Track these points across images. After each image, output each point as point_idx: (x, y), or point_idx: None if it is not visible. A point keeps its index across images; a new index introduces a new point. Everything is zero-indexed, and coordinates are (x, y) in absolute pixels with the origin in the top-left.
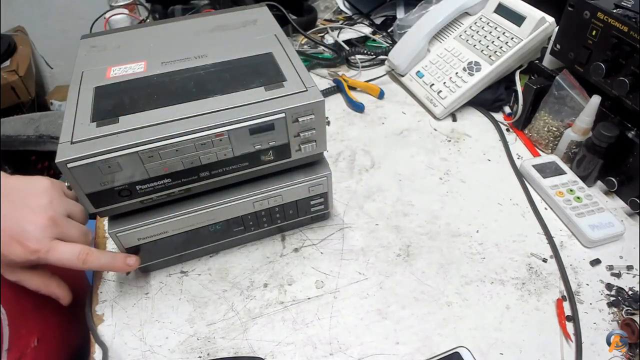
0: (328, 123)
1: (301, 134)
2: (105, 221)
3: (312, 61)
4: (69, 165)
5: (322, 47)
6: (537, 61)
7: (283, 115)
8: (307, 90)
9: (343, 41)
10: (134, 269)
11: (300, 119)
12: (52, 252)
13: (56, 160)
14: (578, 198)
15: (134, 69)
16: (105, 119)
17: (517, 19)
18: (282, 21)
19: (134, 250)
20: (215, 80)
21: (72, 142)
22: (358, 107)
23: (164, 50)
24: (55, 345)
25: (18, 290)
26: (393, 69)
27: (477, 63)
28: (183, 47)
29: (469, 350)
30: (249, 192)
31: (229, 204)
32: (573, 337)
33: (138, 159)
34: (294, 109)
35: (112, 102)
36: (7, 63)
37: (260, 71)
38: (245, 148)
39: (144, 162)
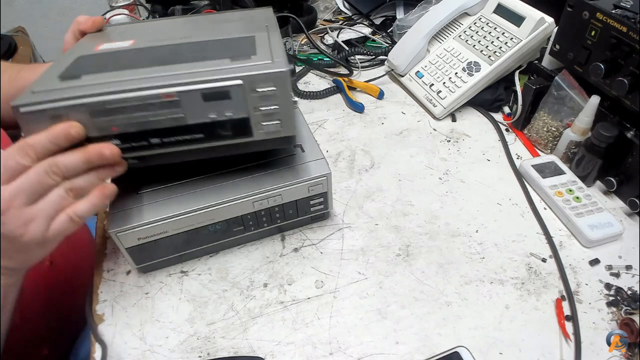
0: (295, 102)
1: (262, 108)
2: (106, 221)
3: (314, 59)
4: (22, 110)
5: (322, 47)
6: (536, 61)
7: (240, 82)
8: (272, 62)
9: (343, 41)
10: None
11: (259, 89)
12: None
13: (11, 104)
14: (577, 198)
15: (121, 46)
16: (71, 76)
17: (517, 19)
18: (283, 21)
19: (134, 250)
20: (187, 51)
21: (32, 92)
22: (358, 107)
23: (156, 35)
24: (64, 268)
25: None
26: (393, 69)
27: (476, 63)
28: (174, 32)
29: (468, 350)
30: (249, 192)
31: (229, 204)
32: (572, 337)
33: (86, 112)
34: (252, 76)
35: (85, 65)
36: None
37: (234, 47)
38: (199, 116)
39: (91, 116)
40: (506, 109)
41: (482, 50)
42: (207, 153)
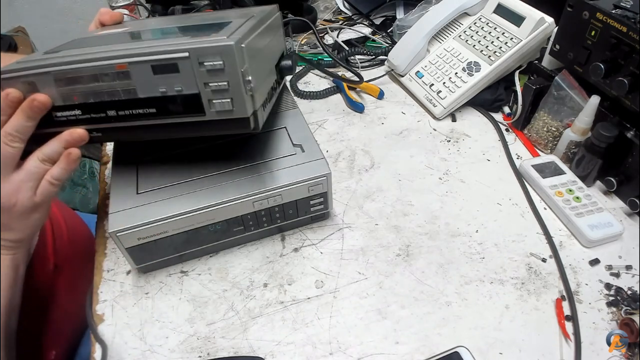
0: (248, 82)
1: (211, 84)
2: (105, 221)
3: (314, 59)
4: (3, 77)
5: (321, 48)
6: (536, 61)
7: (186, 54)
8: (225, 38)
9: (343, 41)
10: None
11: (206, 63)
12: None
13: None
14: (577, 198)
15: (114, 31)
16: (53, 51)
17: (517, 19)
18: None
19: (134, 250)
20: (159, 32)
21: (17, 62)
22: (358, 107)
23: (151, 24)
24: (68, 271)
25: None
26: (393, 69)
27: (476, 63)
28: (168, 22)
29: (468, 350)
30: (249, 192)
31: (229, 204)
32: (572, 337)
33: (51, 80)
34: (198, 49)
35: (72, 44)
36: None
37: (203, 28)
38: (150, 90)
39: (56, 85)
40: (506, 109)
41: (482, 50)
42: (163, 131)
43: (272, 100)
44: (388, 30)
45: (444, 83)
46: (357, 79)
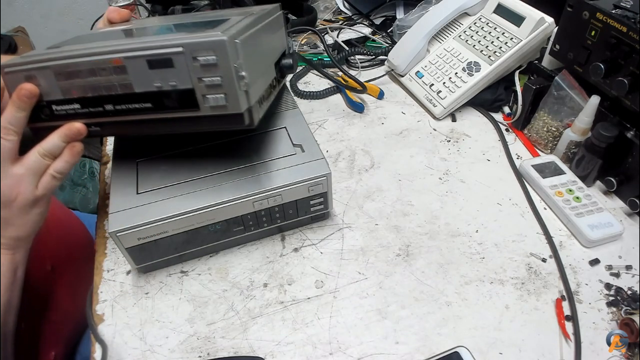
0: (242, 77)
1: (205, 79)
2: (105, 221)
3: (314, 59)
4: (5, 70)
5: (321, 48)
6: (536, 61)
7: (180, 49)
8: (220, 33)
9: (343, 41)
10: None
11: (200, 58)
12: None
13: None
14: (577, 198)
15: (116, 28)
16: (55, 47)
17: (517, 19)
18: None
19: (134, 250)
20: (159, 29)
21: (21, 57)
22: (358, 107)
23: (152, 22)
24: (66, 272)
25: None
26: (393, 69)
27: (476, 63)
28: (169, 20)
29: (468, 350)
30: (249, 192)
31: (229, 204)
32: (572, 337)
33: (51, 74)
34: (192, 44)
35: (74, 40)
36: None
37: (201, 25)
38: (145, 85)
39: (56, 78)
40: (506, 109)
41: (482, 50)
42: (159, 126)
43: (271, 98)
44: (388, 30)
45: (444, 83)
46: (360, 88)
